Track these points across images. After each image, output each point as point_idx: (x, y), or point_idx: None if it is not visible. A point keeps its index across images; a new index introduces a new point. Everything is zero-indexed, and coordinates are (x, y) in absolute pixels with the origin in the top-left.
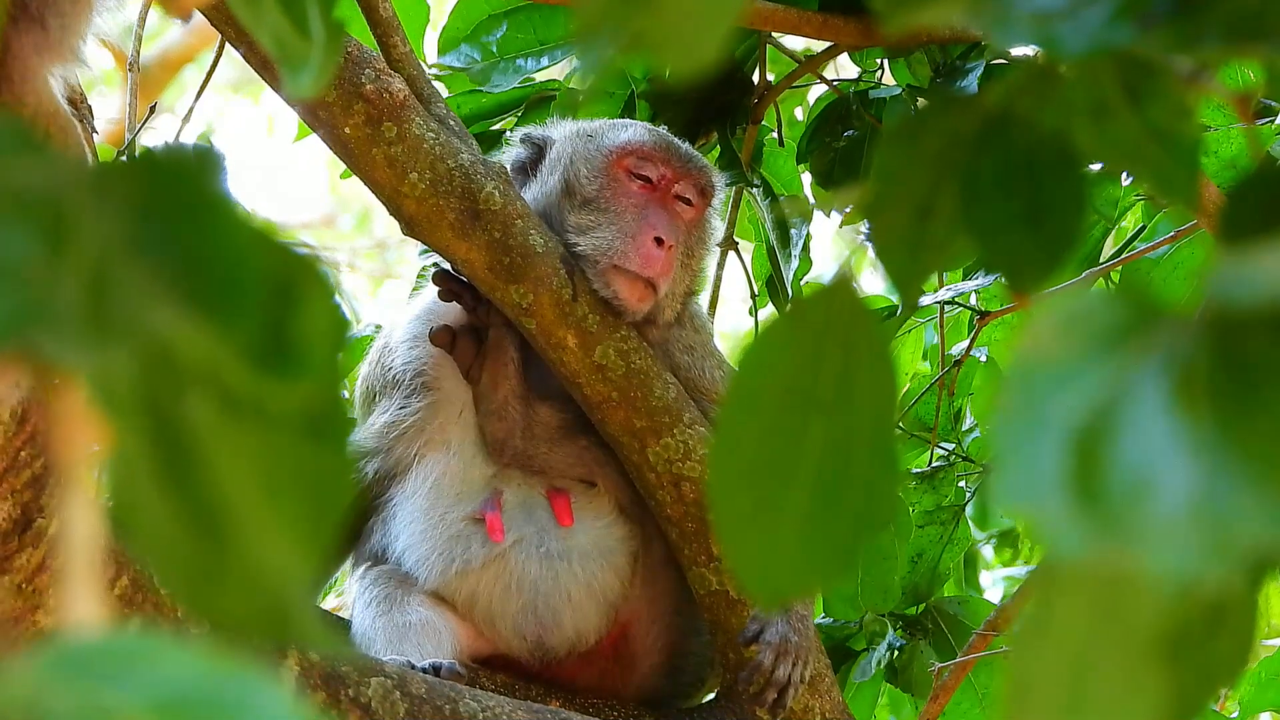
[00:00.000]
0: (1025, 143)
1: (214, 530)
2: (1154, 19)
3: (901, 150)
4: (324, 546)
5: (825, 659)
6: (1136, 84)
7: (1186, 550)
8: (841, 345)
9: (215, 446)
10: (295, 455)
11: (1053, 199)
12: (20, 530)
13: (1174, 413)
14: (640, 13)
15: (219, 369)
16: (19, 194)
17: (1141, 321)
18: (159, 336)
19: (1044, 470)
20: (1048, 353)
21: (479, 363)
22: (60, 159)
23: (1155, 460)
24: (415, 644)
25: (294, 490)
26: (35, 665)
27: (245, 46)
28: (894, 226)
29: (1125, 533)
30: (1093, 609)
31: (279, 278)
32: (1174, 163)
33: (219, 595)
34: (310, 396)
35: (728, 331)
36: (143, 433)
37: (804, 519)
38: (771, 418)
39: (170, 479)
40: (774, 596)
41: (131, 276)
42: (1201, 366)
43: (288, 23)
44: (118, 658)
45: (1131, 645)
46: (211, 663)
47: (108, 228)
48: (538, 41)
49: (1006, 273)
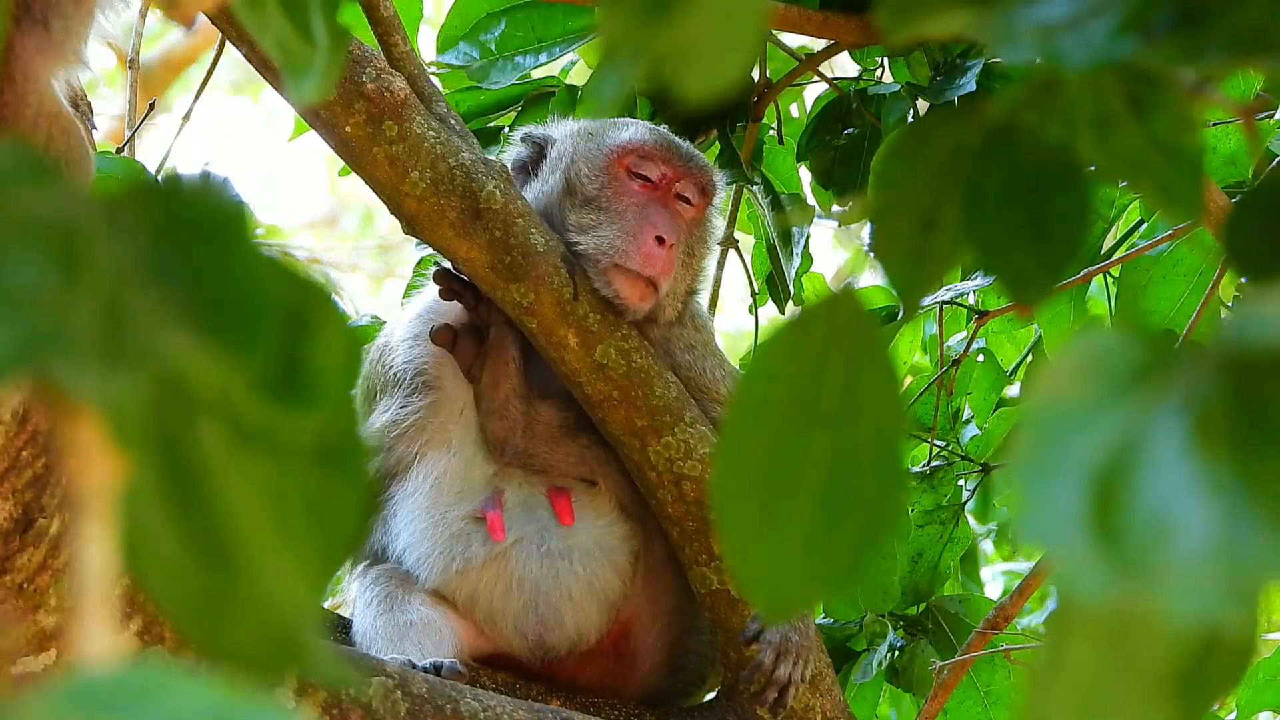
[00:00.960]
0: (1029, 154)
1: (223, 561)
2: (1157, 32)
3: (905, 161)
4: (332, 576)
5: (826, 658)
6: (1140, 96)
7: (1206, 593)
8: (845, 357)
9: (226, 476)
10: (306, 486)
11: (1056, 211)
12: (22, 530)
13: (1192, 455)
14: (662, 33)
15: (231, 398)
16: (33, 221)
17: (1159, 363)
18: (171, 365)
19: (1064, 512)
20: (1067, 394)
21: (480, 361)
22: (73, 186)
23: (1174, 502)
24: (416, 643)
25: (305, 521)
26: (49, 700)
27: (246, 46)
28: (897, 237)
29: (1145, 575)
30: (1105, 646)
31: (293, 307)
32: (1178, 175)
33: (227, 626)
34: (323, 427)
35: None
36: (154, 461)
37: (808, 530)
38: (776, 429)
39: (180, 508)
40: (778, 607)
41: (144, 304)
42: (1219, 408)
43: (291, 28)
44: (130, 691)
45: (1143, 682)
46: (222, 695)
47: (121, 255)
48: (536, 39)
49: (1009, 284)
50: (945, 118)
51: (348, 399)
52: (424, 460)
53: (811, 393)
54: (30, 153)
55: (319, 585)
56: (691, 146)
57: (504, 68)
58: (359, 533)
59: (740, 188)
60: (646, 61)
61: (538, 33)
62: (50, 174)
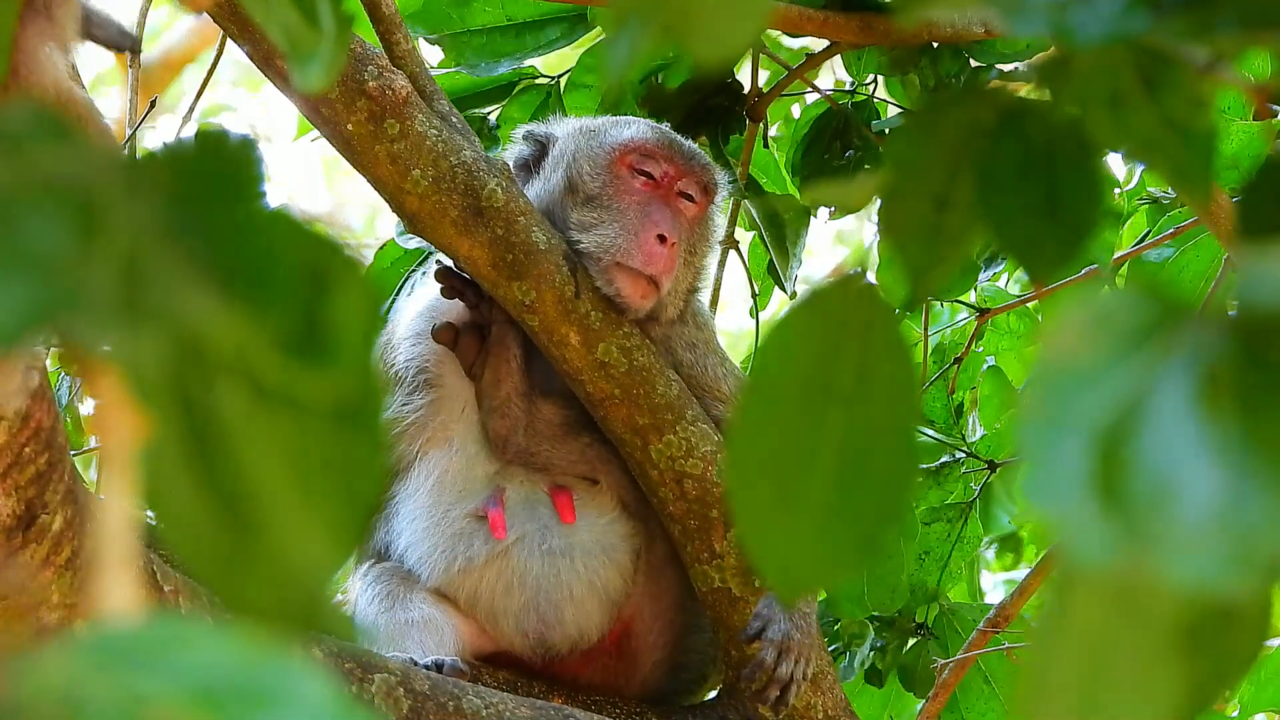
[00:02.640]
0: (1042, 133)
1: (244, 519)
2: (1168, 8)
3: (918, 140)
4: (355, 535)
5: (827, 656)
6: (1153, 75)
7: (1209, 559)
8: (859, 337)
9: (246, 435)
10: (326, 444)
11: (1069, 189)
12: (24, 526)
13: (1198, 415)
14: (671, 2)
15: (251, 357)
16: (52, 181)
17: (1166, 322)
18: (191, 324)
19: (1068, 473)
20: (1072, 353)
21: (481, 359)
22: (92, 146)
23: (1179, 464)
24: (418, 641)
25: (325, 479)
26: (71, 654)
27: (248, 43)
28: (910, 217)
29: (1148, 539)
30: (1109, 605)
31: (311, 266)
32: (1190, 153)
33: (248, 584)
34: (342, 385)
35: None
36: (174, 420)
37: (823, 509)
38: (789, 409)
39: (201, 467)
40: (793, 588)
41: (164, 264)
42: (1226, 369)
43: (298, 15)
44: (153, 646)
45: (1148, 641)
46: (248, 650)
47: (140, 215)
48: (505, 17)
49: (1023, 262)
50: (958, 97)
51: (367, 357)
52: (426, 458)
53: (825, 372)
54: (49, 114)
55: (339, 543)
56: (693, 145)
57: (477, 46)
58: (378, 492)
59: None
60: (656, 29)
61: (507, 10)
62: (69, 135)
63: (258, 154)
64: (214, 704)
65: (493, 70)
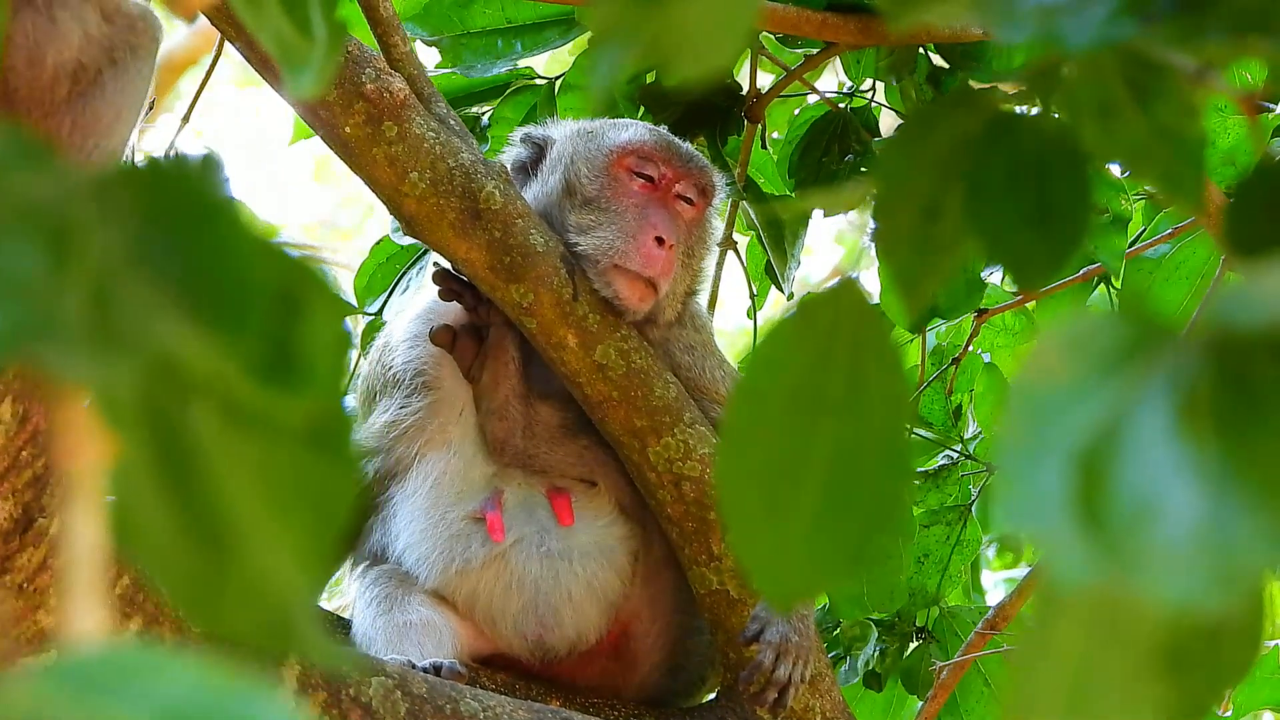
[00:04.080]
0: (1032, 142)
1: (217, 541)
2: (1158, 14)
3: (907, 151)
4: (326, 557)
5: (826, 658)
6: (1142, 83)
7: (1191, 578)
8: (850, 345)
9: (218, 458)
10: (298, 467)
11: (1058, 197)
12: (21, 530)
13: (1178, 436)
14: (654, 18)
15: (223, 380)
16: (23, 205)
17: (1145, 343)
18: (163, 348)
19: (1048, 493)
20: (1052, 374)
21: (479, 362)
22: (63, 170)
23: (1159, 484)
24: (416, 643)
25: (297, 501)
26: (36, 678)
27: (245, 45)
28: (900, 227)
29: (1129, 559)
30: (1093, 623)
31: (283, 288)
32: (1180, 161)
33: (222, 606)
34: (314, 408)
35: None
36: (146, 444)
37: (814, 517)
38: (780, 417)
39: (173, 490)
40: (784, 596)
41: (135, 288)
42: (1205, 389)
43: (289, 23)
44: (119, 670)
45: (1131, 658)
46: (212, 675)
47: (111, 239)
48: (505, 19)
49: (1013, 271)
50: (947, 107)
51: (338, 380)
52: (424, 461)
53: (816, 380)
54: (22, 136)
55: (312, 566)
56: (691, 147)
57: (475, 48)
58: (350, 514)
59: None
60: (639, 45)
61: (507, 13)
62: (42, 158)
63: (224, 175)
64: None
65: (489, 70)
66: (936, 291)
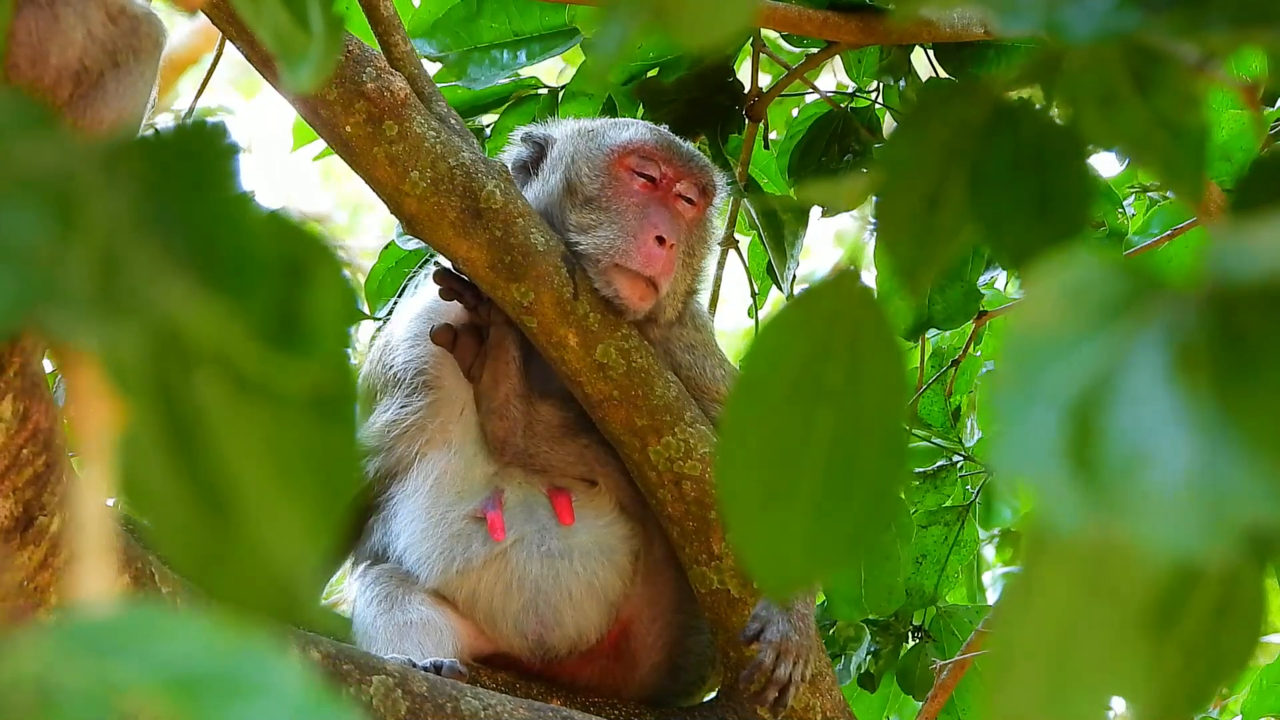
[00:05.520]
0: (1033, 131)
1: (222, 509)
2: (1159, 5)
3: (909, 140)
4: (332, 527)
5: (826, 658)
6: (1144, 73)
7: (1182, 525)
8: (849, 335)
9: (224, 425)
10: (304, 435)
11: (1060, 187)
12: (22, 528)
13: (1172, 385)
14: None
15: (228, 348)
16: (28, 173)
17: (1141, 294)
18: (169, 315)
19: (1041, 440)
20: (1047, 323)
21: (480, 361)
22: (70, 137)
23: (1152, 432)
24: (416, 642)
25: (303, 470)
26: (44, 641)
27: (246, 44)
28: (902, 216)
29: (1120, 504)
30: (1079, 578)
31: (289, 256)
32: (1181, 151)
33: (227, 574)
34: (319, 376)
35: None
36: (152, 411)
37: (812, 506)
38: (780, 407)
39: (179, 457)
40: (782, 584)
41: (141, 255)
42: (1201, 340)
43: (288, 16)
44: (127, 633)
45: (1117, 617)
46: (221, 637)
47: (117, 206)
48: (512, 32)
49: (1014, 260)
50: (949, 96)
51: (343, 348)
52: (424, 460)
53: (815, 370)
54: (28, 103)
55: (318, 534)
56: (692, 147)
57: (481, 61)
58: (355, 481)
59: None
60: (645, 13)
61: (514, 25)
62: (47, 125)
63: (233, 143)
64: (187, 693)
65: (492, 80)
66: (934, 294)
